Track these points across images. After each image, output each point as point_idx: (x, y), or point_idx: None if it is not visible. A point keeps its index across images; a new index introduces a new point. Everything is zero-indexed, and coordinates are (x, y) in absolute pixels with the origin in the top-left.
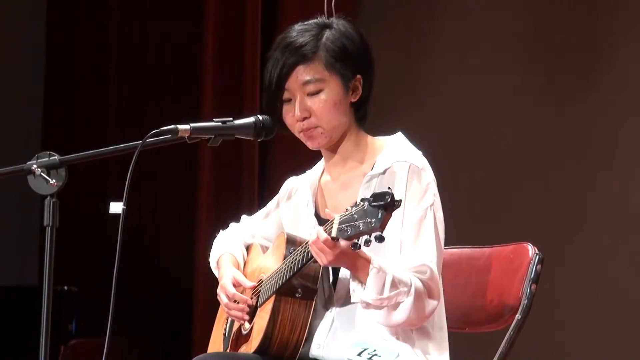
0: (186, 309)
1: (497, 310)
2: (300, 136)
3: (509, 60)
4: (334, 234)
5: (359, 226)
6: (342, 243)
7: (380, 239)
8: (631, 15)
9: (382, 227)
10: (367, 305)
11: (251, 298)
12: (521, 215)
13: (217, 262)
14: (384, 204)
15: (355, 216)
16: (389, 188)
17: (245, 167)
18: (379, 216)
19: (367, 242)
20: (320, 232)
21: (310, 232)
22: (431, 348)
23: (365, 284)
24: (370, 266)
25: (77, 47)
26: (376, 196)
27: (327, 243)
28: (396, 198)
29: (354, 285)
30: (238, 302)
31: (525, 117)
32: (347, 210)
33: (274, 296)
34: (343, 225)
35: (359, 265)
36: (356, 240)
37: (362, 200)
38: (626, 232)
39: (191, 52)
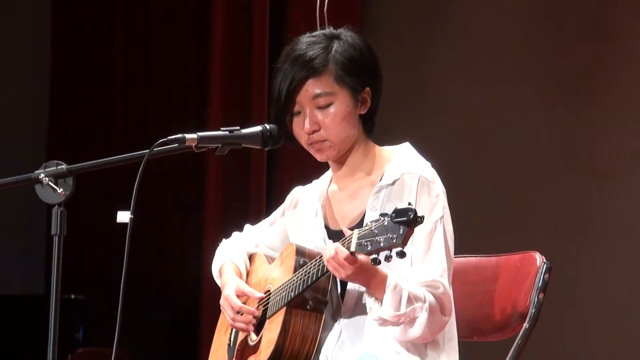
0: (193, 319)
1: (505, 319)
2: (309, 148)
3: (516, 68)
4: (353, 248)
5: (379, 242)
6: (361, 258)
7: (402, 254)
8: None
9: (403, 243)
10: (384, 322)
11: (257, 309)
12: (529, 224)
13: (219, 271)
14: (407, 220)
15: (376, 231)
16: (409, 204)
17: (253, 176)
18: (401, 232)
19: (388, 258)
20: (339, 248)
21: (318, 242)
22: (441, 358)
23: (381, 300)
24: (387, 282)
25: (82, 55)
26: (398, 212)
27: (347, 259)
28: (419, 214)
29: (370, 303)
30: (242, 314)
31: (533, 125)
32: (366, 225)
33: (284, 308)
34: (363, 240)
35: (376, 282)
36: (376, 256)
37: (382, 215)
38: (634, 240)
39: (198, 61)
